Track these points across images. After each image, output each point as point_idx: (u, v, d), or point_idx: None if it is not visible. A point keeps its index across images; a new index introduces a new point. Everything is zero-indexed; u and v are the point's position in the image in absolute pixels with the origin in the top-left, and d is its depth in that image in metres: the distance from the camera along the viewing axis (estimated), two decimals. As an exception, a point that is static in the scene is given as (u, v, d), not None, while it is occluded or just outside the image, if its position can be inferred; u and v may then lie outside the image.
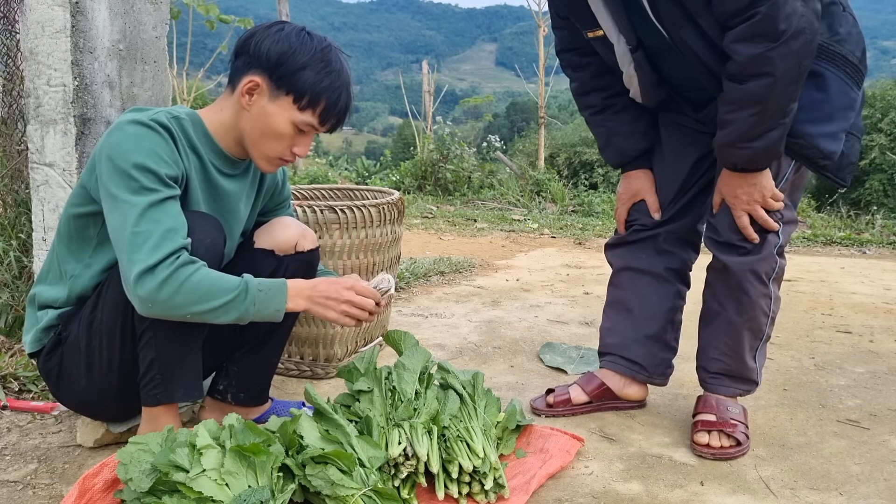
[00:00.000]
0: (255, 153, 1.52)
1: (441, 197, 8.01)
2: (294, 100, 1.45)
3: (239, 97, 1.48)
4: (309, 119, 1.47)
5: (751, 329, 1.76)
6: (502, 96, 66.81)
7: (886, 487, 1.59)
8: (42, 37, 1.84)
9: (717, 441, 1.72)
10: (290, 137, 1.49)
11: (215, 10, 6.53)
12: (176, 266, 1.32)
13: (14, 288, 2.20)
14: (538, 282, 3.75)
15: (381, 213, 2.22)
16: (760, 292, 1.73)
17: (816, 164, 1.63)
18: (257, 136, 1.49)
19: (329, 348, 2.21)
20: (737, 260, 1.71)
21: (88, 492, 1.36)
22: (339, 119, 1.51)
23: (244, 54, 1.48)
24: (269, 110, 1.46)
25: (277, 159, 1.52)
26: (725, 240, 1.72)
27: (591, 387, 1.96)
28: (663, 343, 1.93)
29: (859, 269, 4.28)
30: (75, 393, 1.55)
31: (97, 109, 1.86)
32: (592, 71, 1.86)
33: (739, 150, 1.58)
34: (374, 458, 1.39)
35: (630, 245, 1.94)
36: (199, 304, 1.34)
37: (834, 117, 1.60)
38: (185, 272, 1.33)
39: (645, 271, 1.92)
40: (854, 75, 1.60)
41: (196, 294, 1.34)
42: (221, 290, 1.36)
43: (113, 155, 1.36)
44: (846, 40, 1.59)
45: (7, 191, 2.30)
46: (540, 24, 8.66)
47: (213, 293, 1.35)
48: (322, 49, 1.46)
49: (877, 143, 8.90)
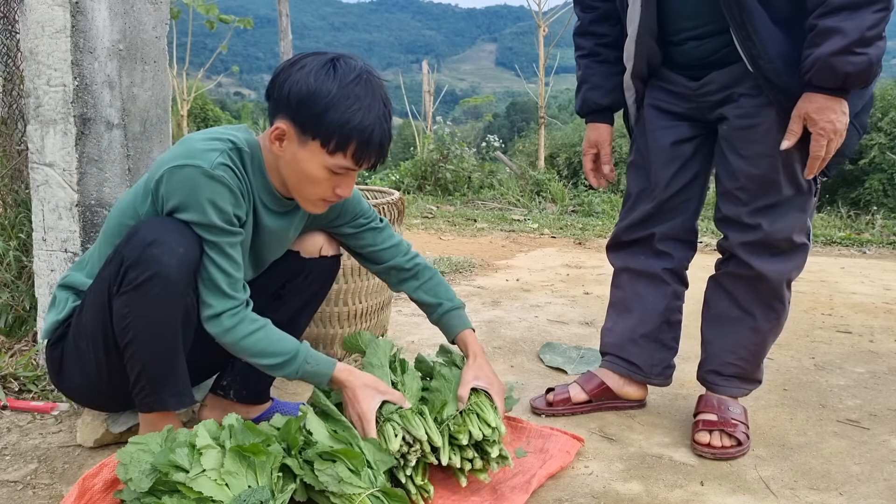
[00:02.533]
0: (297, 197, 1.50)
1: (441, 197, 8.01)
2: (322, 144, 1.39)
3: (270, 144, 1.45)
4: (342, 162, 1.40)
5: (775, 333, 1.80)
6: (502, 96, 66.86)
7: (886, 487, 1.59)
8: (42, 37, 1.84)
9: (719, 441, 1.72)
10: (328, 180, 1.43)
11: (215, 10, 6.54)
12: (237, 321, 1.44)
13: (14, 288, 2.20)
14: (538, 282, 3.75)
15: (381, 213, 2.22)
16: (788, 298, 1.78)
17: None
18: (294, 181, 1.46)
19: (329, 348, 2.21)
20: (775, 268, 1.71)
21: (88, 492, 1.36)
22: (378, 155, 1.42)
23: (271, 98, 1.44)
24: (301, 156, 1.41)
25: (321, 201, 1.49)
26: (762, 239, 1.69)
27: (591, 386, 1.96)
28: (660, 343, 1.93)
29: (859, 269, 4.28)
30: (73, 386, 1.57)
31: (97, 109, 1.86)
32: (595, 16, 1.88)
33: (855, 56, 1.45)
34: (381, 462, 1.39)
35: (627, 247, 1.94)
36: (254, 358, 1.47)
37: None
38: (244, 329, 1.45)
39: (642, 272, 1.92)
40: None
41: (253, 349, 1.46)
42: (274, 353, 1.47)
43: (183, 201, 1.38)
44: None
45: (7, 191, 2.30)
46: (540, 24, 8.65)
47: (267, 353, 1.46)
48: (347, 84, 1.37)
49: (876, 142, 8.90)
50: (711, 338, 1.85)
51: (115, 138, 1.89)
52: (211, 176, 1.37)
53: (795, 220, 1.69)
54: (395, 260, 1.75)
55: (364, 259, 1.79)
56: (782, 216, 1.68)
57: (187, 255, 1.40)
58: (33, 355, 2.04)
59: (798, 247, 1.72)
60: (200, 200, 1.37)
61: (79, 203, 1.87)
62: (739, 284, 1.77)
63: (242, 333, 1.44)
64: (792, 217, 1.69)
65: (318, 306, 1.83)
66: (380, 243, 1.75)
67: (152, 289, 1.37)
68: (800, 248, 1.72)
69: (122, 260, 1.38)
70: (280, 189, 1.53)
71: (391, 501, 1.33)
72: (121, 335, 1.41)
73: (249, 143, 1.49)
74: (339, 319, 2.21)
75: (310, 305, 1.78)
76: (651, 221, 1.89)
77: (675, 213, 1.88)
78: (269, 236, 1.58)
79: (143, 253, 1.36)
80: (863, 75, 1.48)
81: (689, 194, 1.87)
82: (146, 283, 1.36)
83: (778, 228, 1.69)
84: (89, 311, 1.46)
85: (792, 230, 1.69)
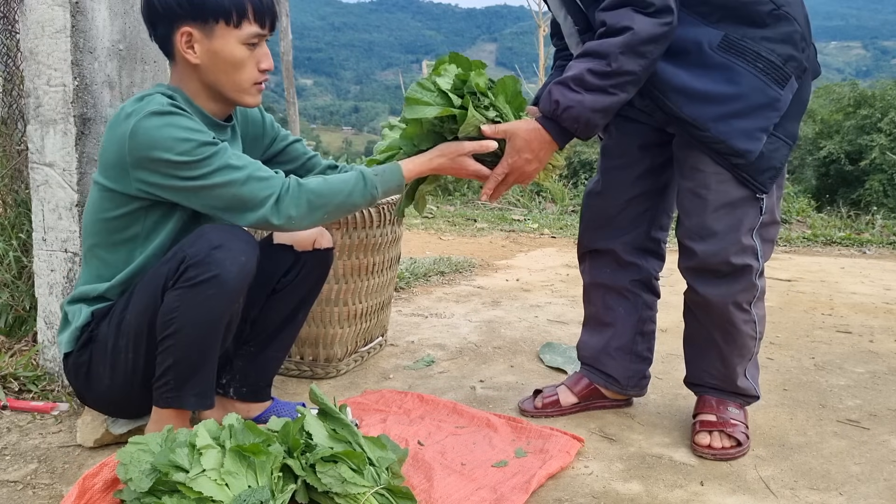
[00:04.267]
0: (231, 94, 1.53)
1: (441, 197, 8.00)
2: (226, 22, 1.45)
3: (184, 57, 1.48)
4: (250, 29, 1.47)
5: (740, 354, 1.76)
6: (502, 96, 66.61)
7: (886, 487, 1.59)
8: (42, 37, 1.84)
9: (719, 442, 1.72)
10: (250, 58, 1.49)
11: (215, 10, 6.54)
12: (292, 184, 1.46)
13: (14, 288, 2.20)
14: (538, 282, 3.75)
15: (381, 213, 2.22)
16: (743, 320, 1.72)
17: (729, 161, 1.60)
18: (223, 78, 1.50)
19: (329, 348, 2.21)
20: (717, 292, 1.69)
21: (88, 492, 1.36)
22: (272, 11, 1.50)
23: (158, 21, 1.48)
24: (216, 47, 1.47)
25: (253, 86, 1.53)
26: (699, 265, 1.68)
27: (579, 387, 1.96)
28: (634, 354, 1.93)
29: (859, 269, 4.28)
30: (99, 391, 1.56)
31: (97, 109, 1.86)
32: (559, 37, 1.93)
33: (569, 91, 1.55)
34: (383, 459, 1.39)
35: (592, 258, 1.92)
36: (331, 196, 1.49)
37: (749, 115, 1.57)
38: (304, 187, 1.47)
39: (610, 287, 1.90)
40: (772, 72, 1.56)
41: (323, 198, 1.47)
42: (341, 185, 1.50)
43: (159, 149, 1.39)
44: (770, 38, 1.56)
45: (7, 191, 2.30)
46: (540, 24, 8.66)
47: (336, 188, 1.49)
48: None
49: (877, 143, 8.91)
50: (688, 355, 1.87)
51: (115, 138, 1.90)
52: (170, 112, 1.41)
53: (730, 241, 1.65)
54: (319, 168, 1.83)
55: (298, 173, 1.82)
56: (713, 238, 1.65)
57: (248, 265, 1.44)
58: (33, 355, 2.04)
59: (740, 269, 1.66)
60: (179, 133, 1.40)
61: (79, 203, 1.87)
62: (696, 307, 1.77)
63: (305, 192, 1.46)
64: (727, 238, 1.64)
65: (315, 299, 1.84)
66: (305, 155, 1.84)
67: (208, 290, 1.39)
68: (743, 269, 1.66)
69: (184, 258, 1.41)
70: (215, 112, 1.56)
71: (396, 498, 1.33)
72: (162, 326, 1.42)
73: (172, 90, 1.52)
74: (339, 319, 2.20)
75: (307, 299, 1.79)
76: (609, 229, 1.88)
77: (637, 224, 1.86)
78: None
79: (208, 255, 1.39)
80: (571, 113, 1.55)
81: (651, 205, 1.86)
82: (204, 283, 1.38)
83: (711, 251, 1.65)
84: (137, 304, 1.47)
85: (727, 252, 1.65)
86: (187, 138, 1.39)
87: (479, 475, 1.55)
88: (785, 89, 1.58)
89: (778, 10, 1.57)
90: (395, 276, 2.48)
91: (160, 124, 1.39)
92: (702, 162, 1.64)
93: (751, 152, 1.58)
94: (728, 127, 1.57)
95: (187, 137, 1.39)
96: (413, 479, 1.52)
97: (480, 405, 2.00)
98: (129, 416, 1.66)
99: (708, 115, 1.58)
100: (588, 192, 1.93)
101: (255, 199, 1.42)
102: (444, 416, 1.86)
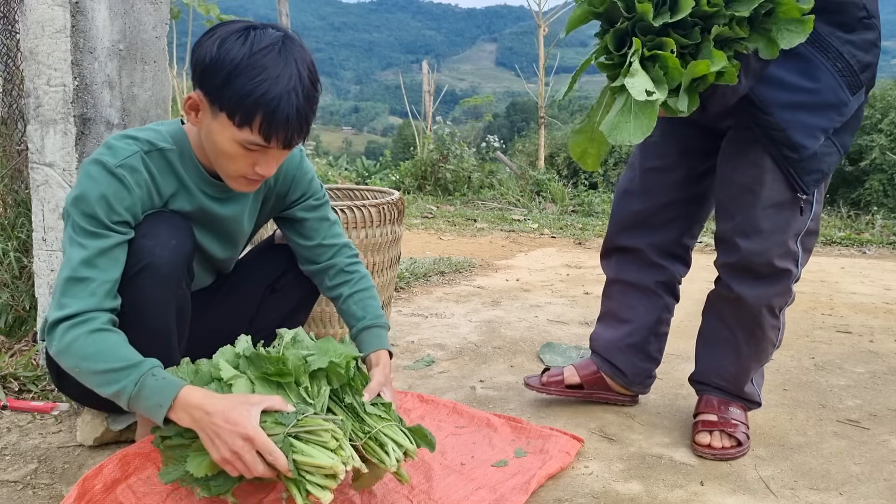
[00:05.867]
0: (219, 173, 1.40)
1: (441, 197, 8.01)
2: (228, 116, 1.28)
3: (187, 115, 1.37)
4: (250, 137, 1.28)
5: (758, 359, 1.77)
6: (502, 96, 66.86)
7: (886, 487, 1.59)
8: (42, 37, 1.84)
9: (719, 441, 1.72)
10: (243, 156, 1.32)
11: (215, 10, 6.53)
12: (82, 322, 1.27)
13: (14, 288, 2.20)
14: (538, 282, 3.75)
15: (381, 213, 2.22)
16: (771, 324, 1.72)
17: (781, 152, 1.58)
18: (213, 155, 1.37)
19: (329, 348, 2.21)
20: (753, 293, 1.67)
21: (88, 492, 1.36)
22: (289, 131, 1.29)
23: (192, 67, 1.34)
24: (213, 129, 1.32)
25: (242, 178, 1.38)
26: (740, 262, 1.66)
27: (586, 372, 1.97)
28: (645, 354, 1.94)
29: (859, 269, 4.28)
30: (74, 384, 1.54)
31: (97, 109, 1.86)
32: None
33: None
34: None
35: (620, 254, 1.92)
36: (86, 361, 1.26)
37: (816, 111, 1.55)
38: (83, 338, 1.26)
39: (634, 284, 1.91)
40: (848, 76, 1.55)
41: (81, 359, 1.26)
42: (115, 357, 1.26)
43: (72, 195, 1.32)
44: (854, 43, 1.55)
45: (7, 191, 2.30)
46: (540, 23, 8.66)
47: (105, 356, 1.25)
48: (256, 52, 1.26)
49: (877, 143, 8.90)
50: (700, 354, 1.87)
51: (115, 138, 1.90)
52: (112, 173, 1.32)
53: (775, 243, 1.64)
54: (336, 258, 1.64)
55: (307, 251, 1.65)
56: (759, 236, 1.64)
57: (179, 247, 1.39)
58: (33, 355, 2.04)
59: (780, 272, 1.66)
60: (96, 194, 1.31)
61: (79, 203, 1.86)
62: (724, 304, 1.76)
63: (85, 341, 1.25)
64: (772, 239, 1.64)
65: (316, 300, 1.82)
66: (328, 238, 1.64)
67: (143, 281, 1.35)
68: (783, 273, 1.66)
69: None
70: (212, 170, 1.45)
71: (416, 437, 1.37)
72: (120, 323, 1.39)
73: (175, 137, 1.43)
74: (339, 319, 2.20)
75: (307, 299, 1.77)
76: (640, 229, 1.87)
77: (670, 228, 1.86)
78: (225, 224, 1.54)
79: (136, 245, 1.35)
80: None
81: (686, 211, 1.86)
82: (137, 275, 1.35)
83: (756, 250, 1.64)
84: None
85: (771, 253, 1.64)
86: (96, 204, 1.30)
87: (478, 475, 1.55)
88: (854, 97, 1.57)
89: (869, 20, 1.56)
90: (395, 276, 2.48)
91: (95, 175, 1.32)
92: (761, 158, 1.61)
93: (806, 148, 1.56)
94: (792, 116, 1.56)
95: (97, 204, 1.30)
96: (413, 478, 1.51)
97: (480, 405, 2.00)
98: (108, 409, 1.64)
99: (777, 99, 1.56)
100: (623, 190, 1.91)
101: (56, 299, 1.29)
102: (444, 416, 1.86)
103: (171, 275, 1.39)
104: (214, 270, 1.66)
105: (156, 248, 1.36)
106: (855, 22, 1.55)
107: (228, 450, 1.19)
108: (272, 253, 1.72)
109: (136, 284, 1.35)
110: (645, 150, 1.87)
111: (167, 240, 1.37)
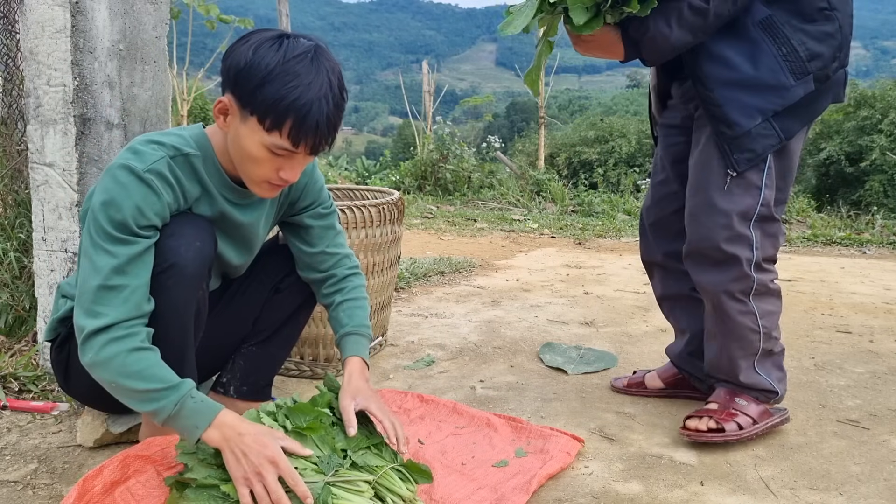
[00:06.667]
0: (243, 177, 1.42)
1: (441, 197, 8.01)
2: (259, 120, 1.30)
3: (216, 120, 1.39)
4: (278, 142, 1.30)
5: (741, 347, 1.76)
6: (502, 96, 66.85)
7: (886, 487, 1.59)
8: (42, 37, 1.84)
9: (703, 425, 1.73)
10: (269, 161, 1.34)
11: (215, 10, 6.54)
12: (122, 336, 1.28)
13: (14, 288, 2.20)
14: (538, 282, 3.75)
15: (381, 213, 2.22)
16: (739, 310, 1.72)
17: (718, 128, 1.64)
18: (238, 160, 1.38)
19: (329, 348, 2.21)
20: (708, 279, 1.72)
21: (88, 493, 1.35)
22: (317, 137, 1.31)
23: (222, 72, 1.36)
24: (241, 133, 1.33)
25: (266, 183, 1.39)
26: (691, 249, 1.74)
27: (668, 374, 2.05)
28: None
29: (859, 269, 4.28)
30: (81, 386, 1.55)
31: (97, 109, 1.86)
32: None
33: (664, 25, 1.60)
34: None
35: (656, 271, 2.00)
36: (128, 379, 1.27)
37: (754, 91, 1.60)
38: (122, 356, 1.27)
39: (675, 297, 1.98)
40: (793, 62, 1.59)
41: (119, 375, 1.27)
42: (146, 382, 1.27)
43: (99, 200, 1.32)
44: (807, 32, 1.59)
45: (7, 191, 2.30)
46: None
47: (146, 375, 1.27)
48: (289, 59, 1.28)
49: (877, 143, 8.91)
50: (704, 349, 1.90)
51: (115, 138, 1.90)
52: (140, 178, 1.33)
53: (721, 226, 1.66)
54: (336, 269, 1.67)
55: (308, 257, 1.67)
56: (706, 220, 1.68)
57: (204, 249, 1.41)
58: (33, 355, 2.04)
59: (731, 257, 1.67)
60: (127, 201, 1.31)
61: (79, 203, 1.87)
62: (701, 297, 1.83)
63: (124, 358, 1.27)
64: (716, 222, 1.66)
65: (317, 300, 1.82)
66: (331, 247, 1.67)
67: (167, 280, 1.37)
68: (733, 259, 1.67)
69: None
70: (234, 175, 1.47)
71: (412, 473, 1.37)
72: None
73: (199, 142, 1.43)
74: (339, 319, 2.20)
75: (310, 299, 1.77)
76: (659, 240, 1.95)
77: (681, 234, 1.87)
78: (244, 230, 1.55)
79: (162, 245, 1.37)
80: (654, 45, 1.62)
81: None
82: (162, 274, 1.36)
83: (702, 235, 1.69)
84: None
85: (717, 238, 1.66)
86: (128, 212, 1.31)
87: (479, 475, 1.55)
88: (798, 83, 1.60)
89: (829, 11, 1.60)
90: (394, 276, 2.48)
91: (123, 181, 1.32)
92: (708, 143, 1.68)
93: (739, 125, 1.61)
94: (731, 94, 1.61)
95: (129, 212, 1.31)
96: (413, 479, 1.52)
97: (480, 405, 2.00)
98: (116, 411, 1.65)
99: (719, 76, 1.62)
100: (643, 207, 2.01)
101: (87, 307, 1.29)
102: (445, 416, 1.86)
103: (195, 275, 1.40)
104: (224, 275, 1.67)
105: (181, 249, 1.37)
106: (814, 11, 1.60)
107: (253, 469, 1.22)
108: (277, 253, 1.72)
109: (161, 283, 1.37)
110: (654, 165, 1.99)
111: (192, 241, 1.39)
